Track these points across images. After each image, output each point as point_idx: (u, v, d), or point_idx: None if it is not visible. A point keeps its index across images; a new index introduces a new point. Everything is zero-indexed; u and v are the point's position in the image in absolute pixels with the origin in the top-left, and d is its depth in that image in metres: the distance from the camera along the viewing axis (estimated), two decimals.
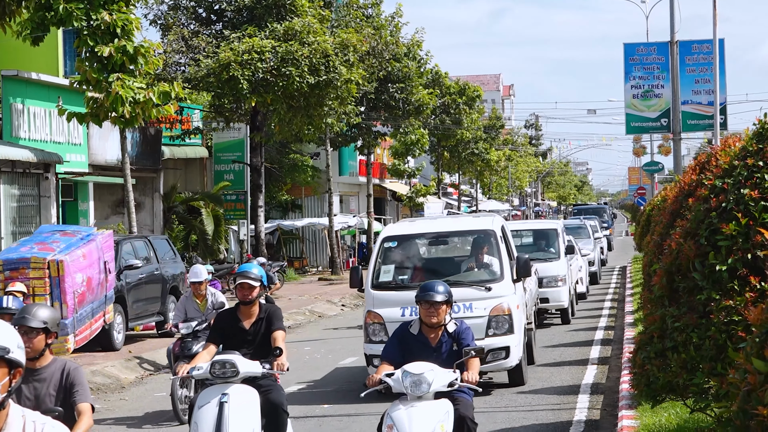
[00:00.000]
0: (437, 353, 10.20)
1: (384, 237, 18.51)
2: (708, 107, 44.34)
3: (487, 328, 17.15)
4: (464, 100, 68.94)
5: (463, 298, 16.77)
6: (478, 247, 18.48)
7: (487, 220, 19.12)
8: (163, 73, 34.85)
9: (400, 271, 18.18)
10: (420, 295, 10.19)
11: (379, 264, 18.01)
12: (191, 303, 17.94)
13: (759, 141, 10.16)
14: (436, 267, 18.75)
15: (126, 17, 27.54)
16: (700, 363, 9.91)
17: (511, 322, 17.23)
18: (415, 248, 18.83)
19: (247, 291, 11.65)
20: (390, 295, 17.42)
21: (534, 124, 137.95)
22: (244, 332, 11.62)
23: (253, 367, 10.84)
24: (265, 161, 42.17)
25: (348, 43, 36.20)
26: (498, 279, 17.56)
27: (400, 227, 19.53)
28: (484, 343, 16.52)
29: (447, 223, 20.34)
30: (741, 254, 9.55)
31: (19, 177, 29.93)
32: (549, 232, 30.08)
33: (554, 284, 27.56)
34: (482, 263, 18.17)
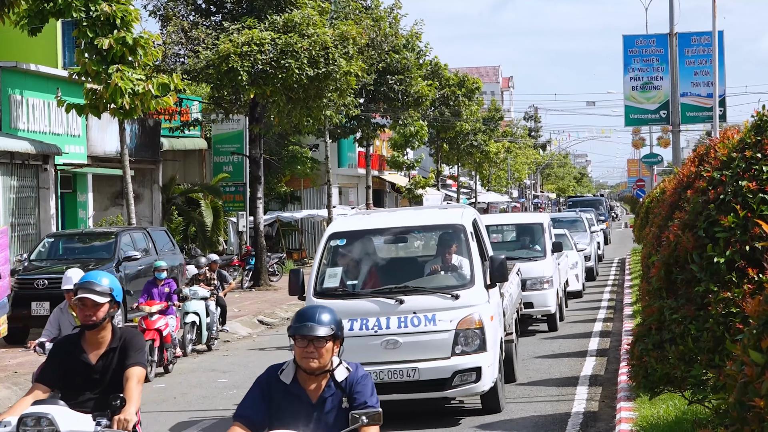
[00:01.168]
0: (319, 412, 6.98)
1: (330, 233, 15.59)
2: (707, 99, 44.32)
3: (454, 344, 14.37)
4: (463, 92, 68.88)
5: (424, 307, 14.39)
6: (445, 245, 15.62)
7: (455, 213, 16.00)
8: (163, 65, 34.81)
9: (349, 275, 15.31)
10: (294, 327, 6.90)
11: (323, 266, 15.17)
12: (66, 316, 14.40)
13: (757, 133, 10.16)
14: (393, 270, 15.81)
15: (125, 8, 27.52)
16: (698, 355, 9.93)
17: (483, 337, 14.44)
18: (368, 247, 15.85)
19: (90, 310, 8.09)
20: (336, 305, 13.03)
21: (533, 116, 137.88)
22: (88, 368, 8.18)
23: (81, 425, 7.78)
24: (264, 153, 42.15)
25: (347, 35, 36.16)
26: (468, 284, 14.77)
27: (351, 222, 16.37)
28: (450, 364, 14.32)
29: (407, 216, 17.15)
30: (739, 246, 9.56)
31: (17, 168, 29.92)
32: (533, 227, 26.78)
33: (539, 287, 24.69)
34: (449, 265, 15.40)
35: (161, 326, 21.05)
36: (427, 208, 18.25)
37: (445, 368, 14.37)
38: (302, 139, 55.71)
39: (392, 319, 14.41)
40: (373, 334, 14.34)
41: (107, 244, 26.16)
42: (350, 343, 12.70)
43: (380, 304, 14.50)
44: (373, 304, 14.51)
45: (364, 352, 13.77)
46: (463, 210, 16.22)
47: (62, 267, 24.84)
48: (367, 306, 14.50)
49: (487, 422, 14.78)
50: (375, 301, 14.54)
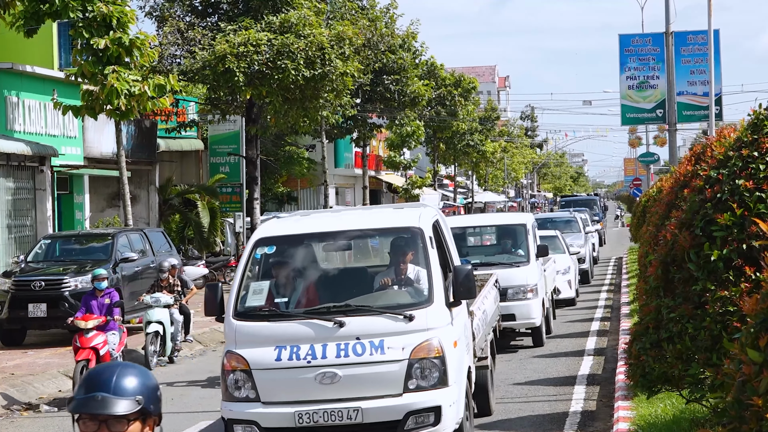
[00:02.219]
0: None
1: (257, 239, 12.68)
2: (703, 98, 44.32)
3: (407, 378, 11.51)
4: (460, 91, 68.92)
5: (370, 332, 11.51)
6: (399, 253, 12.61)
7: (411, 215, 12.99)
8: (159, 66, 34.80)
9: (279, 290, 12.48)
10: (76, 401, 4.41)
11: (247, 280, 12.36)
12: None
13: (754, 131, 10.17)
14: (333, 284, 12.91)
15: (121, 9, 27.50)
16: (696, 353, 9.94)
17: (444, 369, 11.53)
18: (304, 256, 12.96)
19: None
20: (261, 328, 11.74)
21: (530, 115, 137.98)
22: None
23: None
24: (261, 153, 42.13)
25: (344, 35, 36.15)
26: (425, 302, 11.77)
27: (284, 225, 13.31)
28: (402, 402, 11.52)
29: (353, 218, 14.04)
30: (736, 244, 9.57)
31: (14, 170, 29.89)
32: (515, 229, 23.88)
33: (522, 296, 21.99)
34: (403, 278, 12.43)
35: (98, 344, 18.48)
36: (379, 208, 14.82)
37: (395, 408, 11.49)
38: (299, 139, 55.70)
39: (330, 346, 11.46)
40: (305, 365, 11.42)
41: (104, 246, 26.14)
42: (277, 376, 11.44)
43: (315, 328, 11.56)
44: (306, 327, 11.58)
45: (294, 388, 11.43)
46: (422, 211, 13.19)
47: (59, 268, 24.87)
48: (298, 330, 11.57)
49: (484, 422, 14.77)
50: (309, 323, 11.61)
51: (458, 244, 23.19)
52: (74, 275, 24.26)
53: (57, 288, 23.96)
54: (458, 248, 23.34)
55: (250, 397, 11.57)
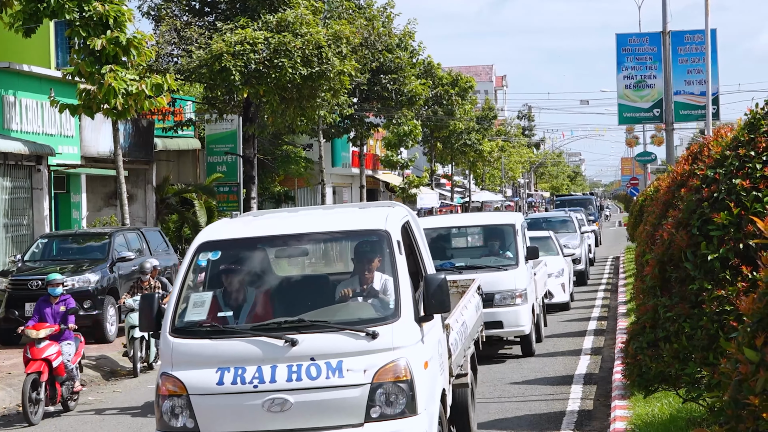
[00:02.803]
0: None
1: (200, 243, 11.15)
2: (700, 97, 44.34)
3: (369, 405, 10.02)
4: (457, 90, 68.94)
5: (327, 351, 9.99)
6: (364, 260, 11.10)
7: (377, 216, 11.32)
8: (156, 65, 34.79)
9: (225, 302, 10.91)
10: None
11: (187, 290, 10.79)
12: None
13: (751, 131, 10.18)
14: (287, 295, 11.26)
15: (118, 8, 27.49)
16: (692, 353, 9.95)
17: (413, 394, 10.03)
18: (255, 263, 11.38)
19: None
20: (201, 347, 10.26)
21: (527, 114, 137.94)
22: None
23: None
24: (258, 153, 42.12)
25: (341, 34, 36.15)
26: (391, 317, 10.22)
27: (231, 227, 11.67)
28: None
29: (312, 219, 11.99)
30: (733, 244, 9.57)
31: (11, 169, 29.88)
32: (503, 230, 22.31)
33: (510, 302, 20.60)
34: (368, 289, 10.96)
35: (51, 355, 16.95)
36: (342, 208, 13.13)
37: None
38: (296, 138, 55.70)
39: (280, 368, 9.95)
40: (251, 391, 9.98)
41: (101, 245, 26.14)
42: (219, 402, 10.00)
43: (264, 347, 10.04)
44: (253, 346, 10.06)
45: (239, 416, 10.02)
46: (389, 211, 11.49)
47: (56, 268, 24.85)
48: (244, 349, 10.08)
49: (481, 421, 14.77)
50: (257, 341, 10.08)
51: (442, 246, 22.31)
52: (71, 274, 24.26)
53: None
54: (442, 250, 22.03)
55: (188, 426, 10.09)
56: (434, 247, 20.95)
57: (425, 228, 21.94)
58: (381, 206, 12.17)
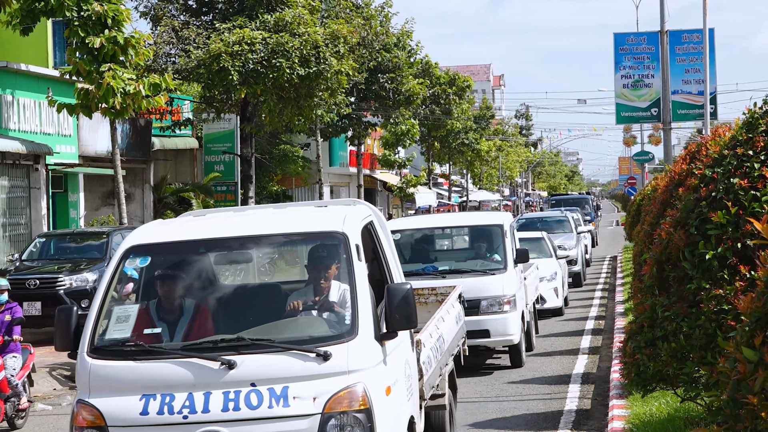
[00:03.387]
0: None
1: (126, 248, 9.63)
2: (698, 97, 44.39)
3: None
4: (454, 90, 68.93)
5: (270, 375, 8.58)
6: (319, 267, 9.59)
7: (334, 216, 9.87)
8: (154, 65, 34.78)
9: (155, 317, 9.37)
10: None
11: (110, 303, 9.29)
12: None
13: (749, 130, 10.18)
14: (228, 310, 9.61)
15: (116, 8, 27.47)
16: (690, 352, 9.95)
17: (371, 425, 8.63)
18: (195, 271, 9.79)
19: None
20: (124, 370, 8.80)
21: (524, 114, 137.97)
22: None
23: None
24: (256, 152, 42.10)
25: (338, 34, 36.16)
26: (346, 334, 8.81)
27: (164, 229, 10.23)
28: None
29: (260, 220, 10.40)
30: (731, 243, 9.57)
31: (8, 168, 29.87)
32: (490, 231, 20.60)
33: (498, 309, 19.05)
34: (321, 301, 9.38)
35: None
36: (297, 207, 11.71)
37: None
38: (293, 138, 55.69)
39: (215, 395, 8.54)
40: (180, 422, 8.56)
41: (99, 244, 26.13)
42: None
43: (196, 370, 8.61)
44: (184, 369, 8.62)
45: None
46: (349, 210, 10.13)
47: (54, 267, 24.86)
48: (174, 372, 8.64)
49: (479, 421, 14.78)
50: (188, 363, 8.64)
51: (424, 248, 20.90)
52: (69, 274, 24.26)
53: (52, 286, 23.96)
54: (424, 253, 20.73)
55: None
56: (416, 250, 20.59)
57: (406, 229, 21.12)
58: (341, 204, 10.92)
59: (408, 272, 18.52)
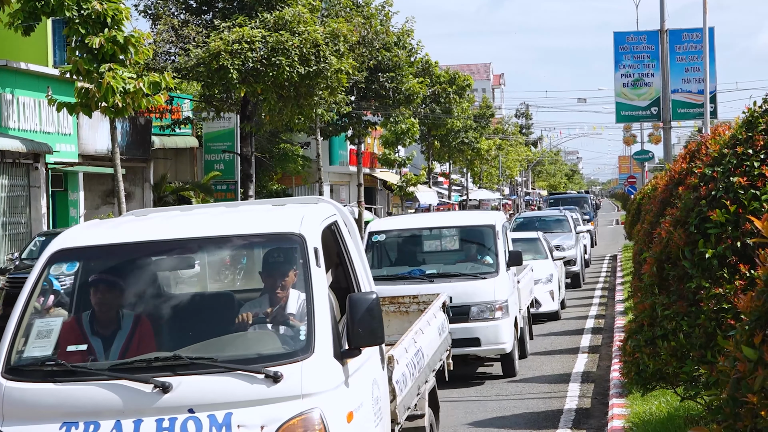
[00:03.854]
0: None
1: (53, 252, 8.45)
2: (698, 96, 44.39)
3: None
4: (454, 89, 68.92)
5: (212, 400, 7.49)
6: (275, 273, 8.37)
7: (291, 215, 8.69)
8: (153, 63, 34.79)
9: (93, 330, 8.14)
10: None
11: (32, 316, 8.15)
12: None
13: (748, 129, 10.17)
14: (178, 323, 8.31)
15: (116, 7, 27.48)
16: (690, 351, 9.94)
17: None
18: (131, 278, 8.50)
19: None
20: (43, 393, 7.63)
21: (524, 113, 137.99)
22: None
23: None
24: (256, 151, 42.12)
25: (338, 32, 36.16)
26: (300, 352, 7.65)
27: (95, 231, 8.84)
28: None
29: (204, 220, 9.10)
30: (730, 242, 9.57)
31: (8, 167, 29.88)
32: (482, 232, 19.36)
33: (489, 316, 17.89)
34: (276, 313, 8.20)
35: None
36: (250, 205, 10.49)
37: None
38: (293, 136, 55.70)
39: (146, 423, 7.43)
40: None
41: None
42: None
43: (126, 393, 7.48)
44: (111, 392, 7.49)
45: None
46: (308, 209, 8.99)
47: None
48: (100, 396, 7.52)
49: (479, 420, 14.78)
50: (117, 386, 7.50)
51: (411, 251, 19.74)
52: None
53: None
54: (411, 255, 19.56)
55: None
56: (402, 252, 19.66)
57: (391, 229, 19.93)
58: (301, 203, 9.81)
59: (393, 276, 18.46)
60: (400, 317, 14.63)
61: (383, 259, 19.25)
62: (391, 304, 14.84)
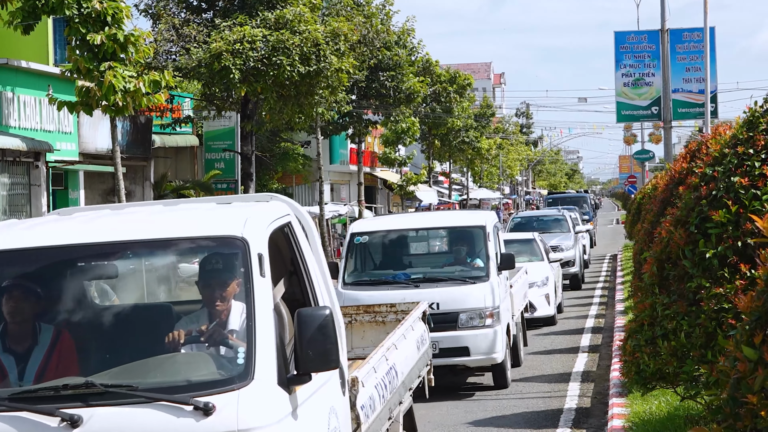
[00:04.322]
0: None
1: None
2: (699, 95, 44.38)
3: None
4: (455, 88, 68.92)
5: None
6: (213, 285, 7.23)
7: (234, 216, 7.56)
8: (154, 62, 34.77)
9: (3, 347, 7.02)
10: None
11: None
12: None
13: (749, 129, 10.17)
14: (104, 341, 7.10)
15: (116, 5, 27.47)
16: (690, 351, 9.95)
17: None
18: (51, 286, 7.31)
19: None
20: None
21: (525, 112, 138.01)
22: None
23: None
24: (256, 150, 42.10)
25: (339, 31, 36.16)
26: (237, 378, 6.50)
27: (5, 233, 7.65)
28: None
29: (134, 222, 7.88)
30: (731, 242, 9.57)
31: (9, 166, 29.86)
32: (471, 233, 18.19)
33: (479, 323, 16.76)
34: (212, 331, 7.03)
35: None
36: (188, 204, 9.40)
37: None
38: (294, 135, 55.68)
39: None
40: None
41: None
42: None
43: (28, 428, 6.31)
44: (10, 426, 6.33)
45: None
46: (255, 208, 7.82)
47: None
48: None
49: (479, 419, 14.79)
50: (16, 419, 6.33)
51: (396, 253, 18.45)
52: None
53: None
54: (396, 259, 18.25)
55: None
56: (386, 255, 18.37)
57: (376, 230, 18.41)
58: (250, 201, 8.48)
59: (376, 280, 17.36)
60: (376, 327, 13.44)
61: (366, 263, 18.15)
62: (366, 314, 13.69)
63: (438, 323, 14.77)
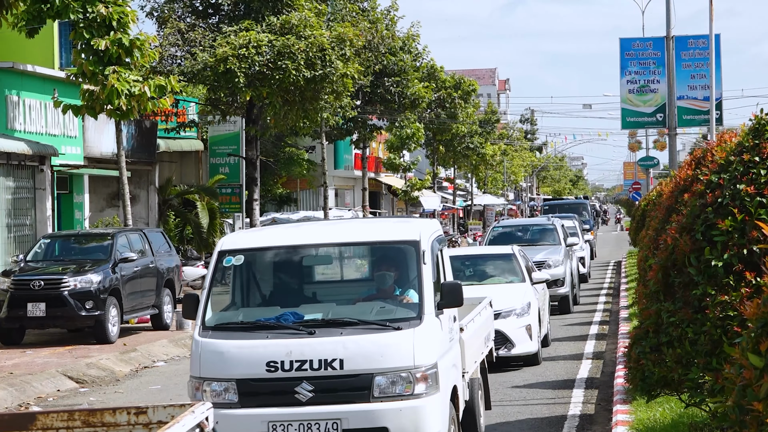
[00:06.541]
0: None
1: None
2: (704, 102, 44.36)
3: None
4: (460, 94, 68.94)
5: None
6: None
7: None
8: (159, 66, 34.82)
9: None
10: None
11: None
12: None
13: (755, 136, 10.18)
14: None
15: (122, 10, 27.53)
16: (695, 358, 9.94)
17: None
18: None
19: None
20: None
21: (529, 118, 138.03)
22: None
23: None
24: (261, 154, 42.11)
25: (344, 37, 36.20)
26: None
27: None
28: None
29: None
30: (737, 249, 9.57)
31: (14, 169, 29.90)
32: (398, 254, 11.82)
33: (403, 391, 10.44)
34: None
35: None
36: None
37: None
38: (299, 140, 55.71)
39: None
40: None
41: (103, 246, 26.14)
42: None
43: None
44: None
45: None
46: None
47: (58, 268, 24.87)
48: None
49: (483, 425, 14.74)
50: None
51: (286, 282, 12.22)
52: (73, 275, 24.26)
53: (56, 287, 23.95)
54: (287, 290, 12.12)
55: None
56: (275, 284, 12.30)
57: (257, 247, 12.08)
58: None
59: (249, 324, 11.38)
60: None
61: (241, 295, 12.17)
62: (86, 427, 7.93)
63: (342, 390, 10.64)
